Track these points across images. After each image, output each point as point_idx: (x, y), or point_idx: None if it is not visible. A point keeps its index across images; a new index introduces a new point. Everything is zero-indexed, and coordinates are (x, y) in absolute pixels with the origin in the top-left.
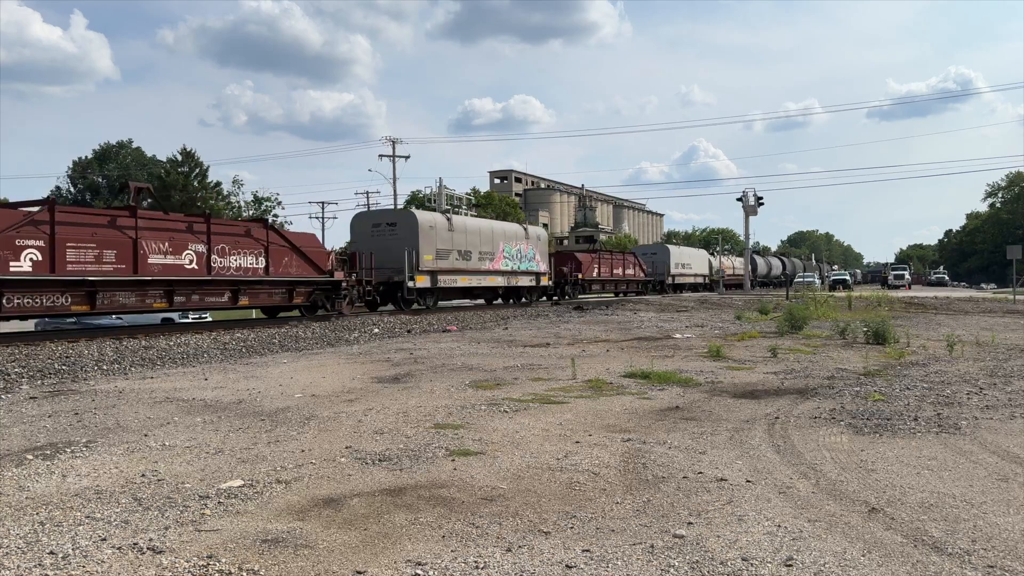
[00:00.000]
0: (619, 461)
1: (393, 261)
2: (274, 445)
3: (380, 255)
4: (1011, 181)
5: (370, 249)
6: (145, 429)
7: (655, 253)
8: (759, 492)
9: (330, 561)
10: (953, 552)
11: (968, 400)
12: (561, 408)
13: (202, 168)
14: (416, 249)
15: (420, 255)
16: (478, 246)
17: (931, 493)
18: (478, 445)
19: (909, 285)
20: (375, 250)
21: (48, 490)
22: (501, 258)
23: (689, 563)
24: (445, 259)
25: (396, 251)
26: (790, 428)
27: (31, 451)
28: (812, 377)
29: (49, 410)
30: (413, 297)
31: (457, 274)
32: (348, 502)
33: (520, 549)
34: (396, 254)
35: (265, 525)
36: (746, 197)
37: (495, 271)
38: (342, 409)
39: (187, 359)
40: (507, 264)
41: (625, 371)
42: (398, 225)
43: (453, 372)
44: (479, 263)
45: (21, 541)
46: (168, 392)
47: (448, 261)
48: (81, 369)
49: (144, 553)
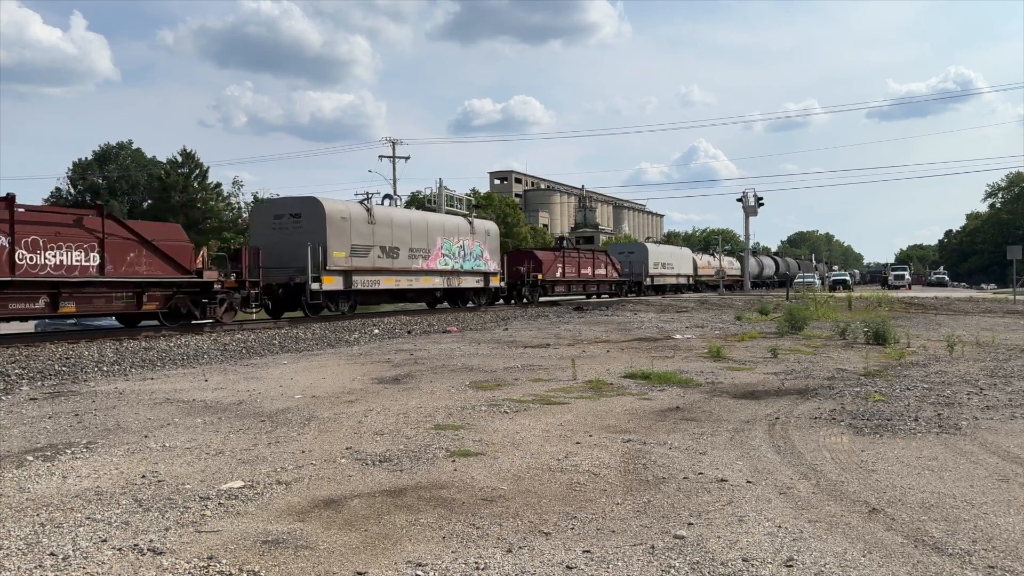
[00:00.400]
0: (619, 462)
1: (299, 259)
2: (274, 446)
3: (283, 252)
4: (1011, 181)
5: (272, 244)
6: (145, 430)
7: (632, 252)
8: (759, 493)
9: (330, 562)
10: (954, 552)
11: (968, 400)
12: (561, 409)
13: (202, 169)
14: (323, 245)
15: (329, 252)
16: (408, 242)
17: (931, 493)
18: (478, 446)
19: (909, 285)
20: (277, 246)
21: (48, 491)
22: (439, 256)
23: (690, 564)
24: (363, 257)
25: (302, 247)
26: (790, 428)
27: (31, 452)
28: (812, 377)
29: (49, 411)
30: (320, 302)
31: (380, 274)
32: (348, 503)
33: (520, 550)
34: (302, 250)
35: (265, 526)
36: (746, 198)
37: (431, 271)
38: (342, 410)
39: (187, 360)
40: (446, 263)
41: (625, 372)
42: (303, 216)
43: (453, 373)
44: (409, 261)
45: (21, 542)
46: (168, 393)
47: (368, 259)
48: (81, 370)
49: (144, 554)
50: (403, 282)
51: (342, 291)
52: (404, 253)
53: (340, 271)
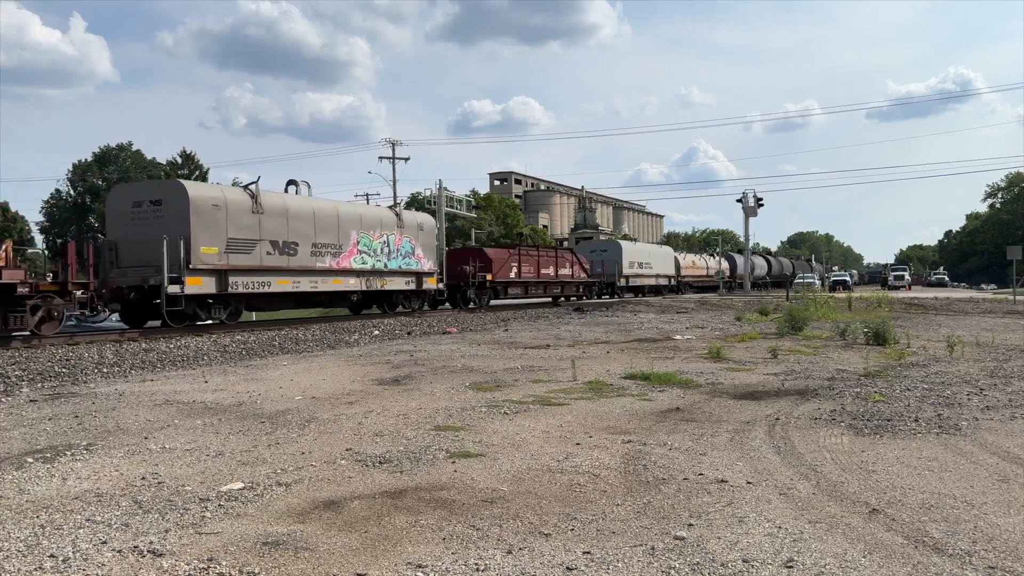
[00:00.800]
0: (619, 463)
1: (159, 256)
2: (274, 447)
3: (142, 247)
4: (1011, 182)
5: (129, 237)
6: (145, 432)
7: (604, 250)
8: (760, 493)
9: (331, 563)
10: (954, 553)
11: (968, 401)
12: (561, 410)
13: (202, 170)
14: (187, 238)
15: (194, 247)
16: (310, 236)
17: (932, 494)
18: (478, 447)
19: (909, 286)
20: (135, 239)
21: (48, 493)
22: (354, 252)
23: (690, 565)
24: (246, 253)
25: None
26: (791, 429)
27: (31, 454)
28: (812, 378)
29: (49, 413)
30: (183, 308)
31: (271, 275)
32: (348, 504)
33: (521, 551)
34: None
35: (265, 528)
36: (746, 198)
37: (343, 271)
38: (342, 411)
39: (187, 361)
40: (364, 261)
41: (625, 372)
42: (164, 203)
43: (453, 374)
44: (313, 259)
45: (22, 544)
46: (168, 395)
47: (252, 256)
48: (81, 372)
49: (144, 556)
50: (304, 284)
51: (215, 295)
52: (305, 249)
53: (211, 270)
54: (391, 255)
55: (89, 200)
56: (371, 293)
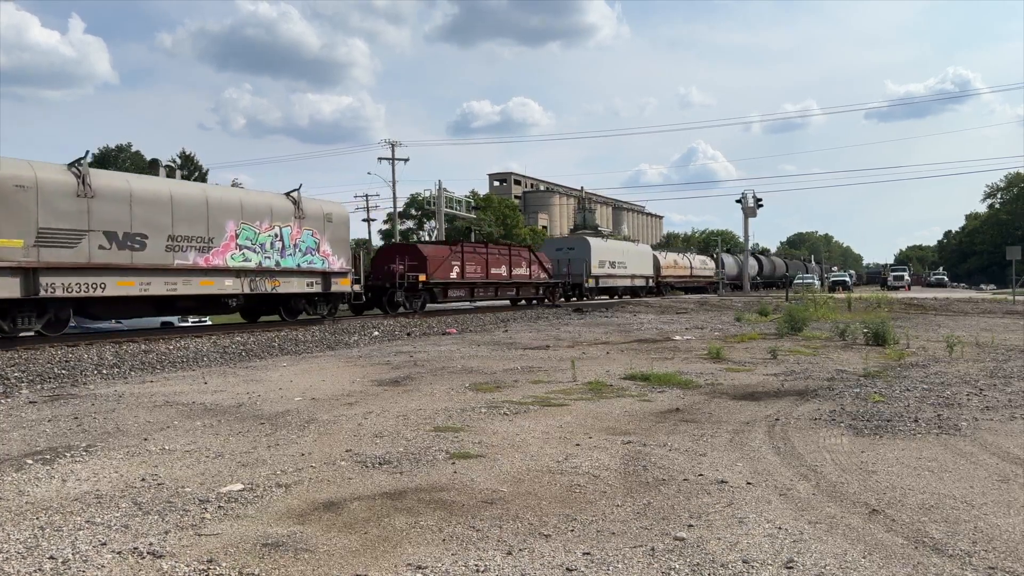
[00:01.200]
0: (619, 463)
1: None
2: (274, 449)
3: None
4: (1010, 182)
5: None
6: (145, 433)
7: (571, 248)
8: (759, 494)
9: (330, 565)
10: (954, 553)
11: (968, 401)
12: (561, 410)
13: (201, 171)
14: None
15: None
16: (166, 227)
17: (931, 494)
18: (478, 448)
19: (908, 286)
20: None
21: (48, 495)
22: (231, 247)
23: (690, 565)
24: (68, 247)
25: None
26: (790, 430)
27: (31, 456)
28: (812, 379)
29: (49, 414)
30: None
31: (106, 274)
32: (348, 506)
33: (520, 552)
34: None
35: (265, 529)
36: (745, 199)
37: (214, 269)
38: (342, 412)
39: (187, 363)
40: (247, 258)
41: (625, 373)
42: None
43: (453, 375)
44: (169, 255)
45: (21, 546)
46: (168, 396)
47: (77, 251)
48: (81, 373)
49: (144, 557)
50: (157, 286)
51: (22, 300)
52: (157, 242)
53: (11, 268)
54: (286, 251)
55: None
56: (259, 297)
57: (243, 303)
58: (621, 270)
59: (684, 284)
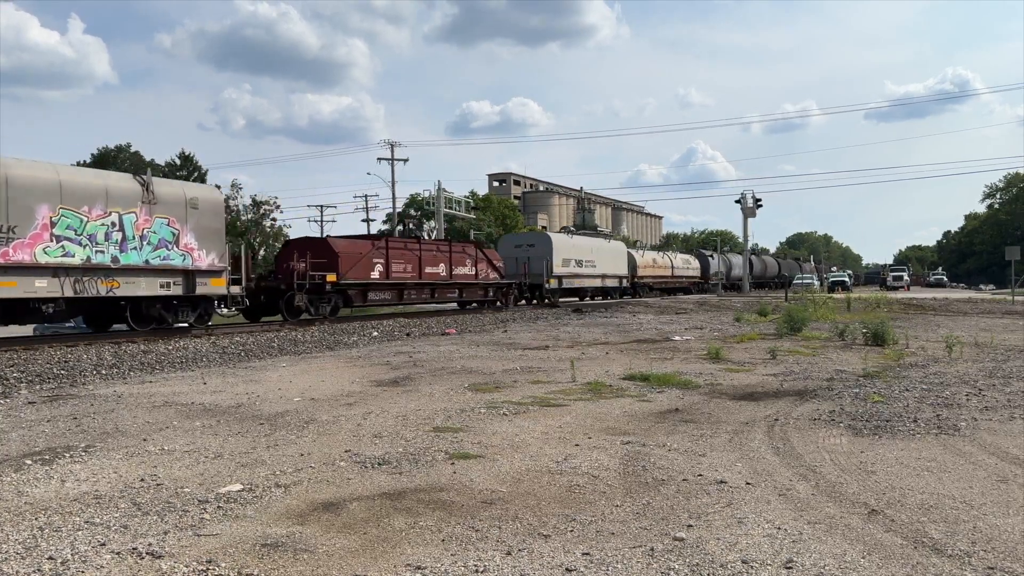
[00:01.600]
0: (619, 464)
1: None
2: (273, 449)
3: None
4: (1009, 182)
5: None
6: (144, 433)
7: (531, 245)
8: (759, 494)
9: (330, 565)
10: (953, 554)
11: (967, 401)
12: (560, 411)
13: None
14: None
15: None
16: None
17: (931, 495)
18: (477, 448)
19: (908, 286)
20: None
21: (47, 495)
22: (43, 238)
23: (689, 566)
24: None
25: None
26: (789, 430)
27: (30, 456)
28: (811, 379)
29: (48, 415)
30: None
31: None
32: (347, 506)
33: (520, 552)
34: None
35: (264, 529)
36: (744, 199)
37: (18, 266)
38: (341, 413)
39: (186, 363)
40: (70, 252)
41: (624, 373)
42: None
43: (452, 375)
44: None
45: (20, 546)
46: (167, 396)
47: None
48: (80, 373)
49: (143, 558)
50: None
51: None
52: None
53: None
54: (127, 244)
55: None
56: (91, 302)
57: (65, 308)
58: (589, 269)
59: (664, 285)
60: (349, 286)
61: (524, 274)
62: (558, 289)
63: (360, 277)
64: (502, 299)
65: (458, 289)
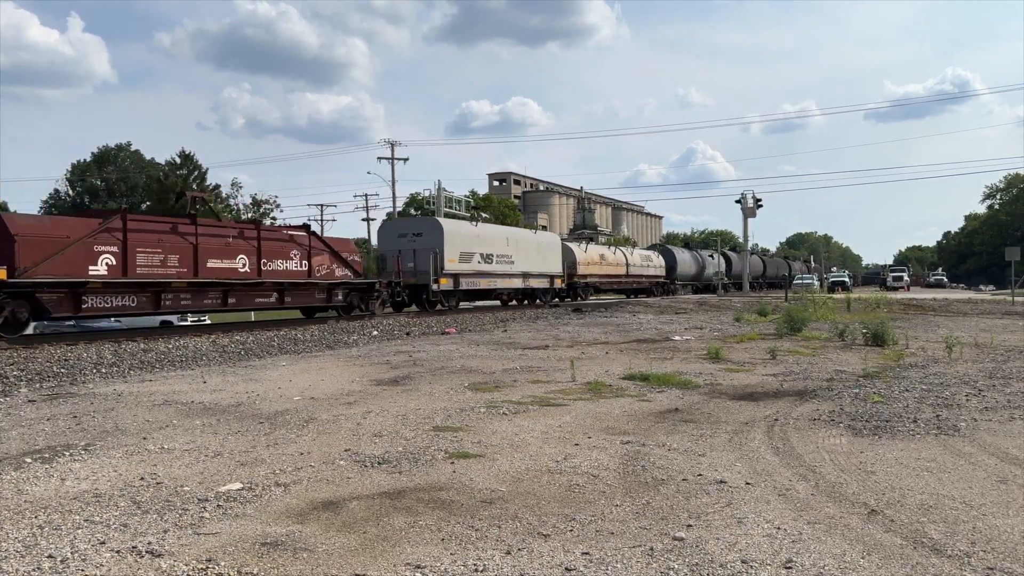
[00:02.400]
0: (618, 463)
1: None
2: (273, 448)
3: None
4: (1009, 183)
5: None
6: (144, 432)
7: (417, 234)
8: (758, 494)
9: (329, 564)
10: (953, 554)
11: (967, 402)
12: (560, 410)
13: (201, 171)
14: None
15: None
16: None
17: (930, 495)
18: (477, 448)
19: (908, 287)
20: None
21: (47, 493)
22: None
23: (689, 565)
24: None
25: None
26: (789, 430)
27: (30, 454)
28: (811, 379)
29: (47, 413)
30: None
31: None
32: (347, 505)
33: (519, 552)
34: None
35: (264, 528)
36: (745, 199)
37: None
38: (341, 412)
39: (186, 362)
40: None
41: (624, 373)
42: None
43: (452, 374)
44: None
45: (20, 544)
46: (167, 395)
47: None
48: (80, 372)
49: (143, 556)
50: None
51: None
52: None
53: None
54: None
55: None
56: None
57: None
58: (503, 266)
59: (618, 285)
60: (42, 287)
61: (398, 271)
62: (455, 291)
63: (63, 273)
64: (361, 304)
65: (276, 292)
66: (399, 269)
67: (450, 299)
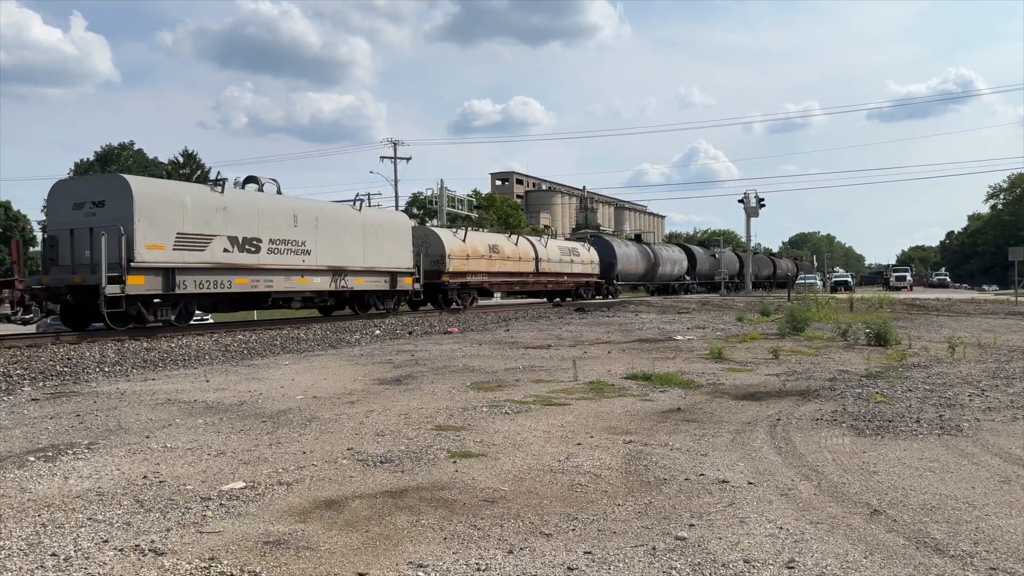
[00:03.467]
0: (621, 463)
1: None
2: (276, 447)
3: None
4: (1013, 183)
5: None
6: (147, 431)
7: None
8: (761, 494)
9: (332, 563)
10: (955, 554)
11: (970, 402)
12: (563, 410)
13: (203, 170)
14: None
15: None
16: None
17: (933, 495)
18: (480, 447)
19: (910, 286)
20: None
21: (50, 492)
22: None
23: (691, 565)
24: None
25: None
26: (792, 430)
27: (33, 453)
28: (814, 379)
29: (51, 412)
30: None
31: None
32: (350, 504)
33: (522, 551)
34: None
35: (267, 527)
36: (747, 199)
37: None
38: (343, 411)
39: (188, 361)
40: None
41: (627, 373)
42: None
43: (454, 374)
44: None
45: (23, 543)
46: (170, 394)
47: None
48: (83, 371)
49: (146, 555)
50: None
51: None
52: None
53: None
54: None
55: None
56: None
57: None
58: (287, 257)
59: (520, 287)
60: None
61: (90, 264)
62: (168, 296)
63: None
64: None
65: None
66: (91, 260)
67: (163, 312)
